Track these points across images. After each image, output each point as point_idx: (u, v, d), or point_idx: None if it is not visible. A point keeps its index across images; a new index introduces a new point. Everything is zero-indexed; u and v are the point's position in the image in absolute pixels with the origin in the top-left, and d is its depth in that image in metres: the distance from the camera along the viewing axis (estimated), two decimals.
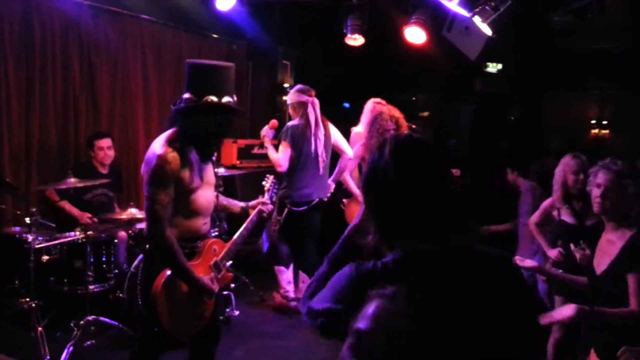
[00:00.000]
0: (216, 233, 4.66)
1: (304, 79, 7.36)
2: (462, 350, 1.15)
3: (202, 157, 2.57)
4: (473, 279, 1.29)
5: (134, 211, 4.21)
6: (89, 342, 3.73)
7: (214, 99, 2.47)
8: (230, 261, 2.85)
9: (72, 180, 4.02)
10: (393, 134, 1.39)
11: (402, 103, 5.55)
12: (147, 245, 2.71)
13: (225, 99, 2.51)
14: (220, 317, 4.24)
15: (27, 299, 3.74)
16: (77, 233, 3.93)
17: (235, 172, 5.65)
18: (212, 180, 2.70)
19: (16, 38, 4.36)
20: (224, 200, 3.00)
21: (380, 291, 1.08)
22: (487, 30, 4.75)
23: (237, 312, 4.56)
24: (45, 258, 3.92)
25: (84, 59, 4.95)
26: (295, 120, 4.63)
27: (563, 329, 3.27)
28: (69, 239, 3.92)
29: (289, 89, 5.12)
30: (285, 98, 7.03)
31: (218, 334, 2.87)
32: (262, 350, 4.07)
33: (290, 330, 4.47)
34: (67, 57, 4.79)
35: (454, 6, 4.77)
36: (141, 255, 3.09)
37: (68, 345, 3.62)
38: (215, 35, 6.47)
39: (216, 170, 2.73)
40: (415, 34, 5.40)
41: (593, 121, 8.36)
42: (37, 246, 3.76)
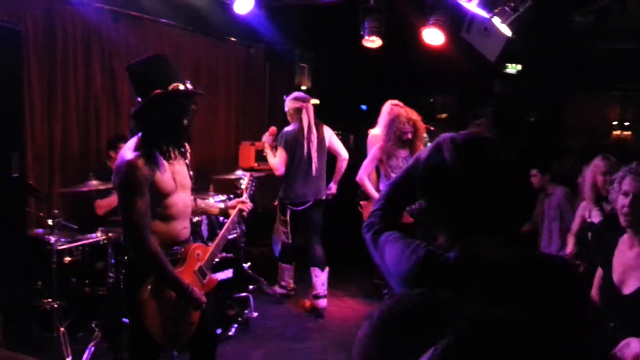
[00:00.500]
0: (235, 235, 4.70)
1: (321, 81, 7.40)
2: None
3: (174, 150, 2.47)
4: (534, 292, 1.22)
5: None
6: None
7: (180, 86, 2.41)
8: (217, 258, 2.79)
9: (94, 182, 4.08)
10: (451, 134, 1.37)
11: (420, 105, 5.54)
12: (126, 256, 2.66)
13: (188, 84, 2.46)
14: (239, 319, 4.27)
15: (50, 300, 3.78)
16: (99, 235, 3.97)
17: (253, 175, 5.65)
18: (188, 183, 2.62)
19: (39, 43, 4.42)
20: (202, 203, 2.94)
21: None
22: (507, 31, 4.71)
23: (256, 314, 4.57)
24: (67, 259, 3.94)
25: (105, 63, 5.01)
26: (290, 126, 4.96)
27: None
28: (91, 241, 3.96)
29: (300, 93, 5.21)
30: None
31: (213, 338, 2.84)
32: (281, 352, 4.07)
33: (309, 332, 4.48)
34: (89, 61, 4.85)
35: (473, 7, 4.74)
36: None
37: (89, 346, 3.66)
38: (233, 39, 6.51)
39: (191, 174, 2.65)
40: (433, 36, 5.37)
41: (615, 122, 8.23)
42: (60, 248, 3.80)
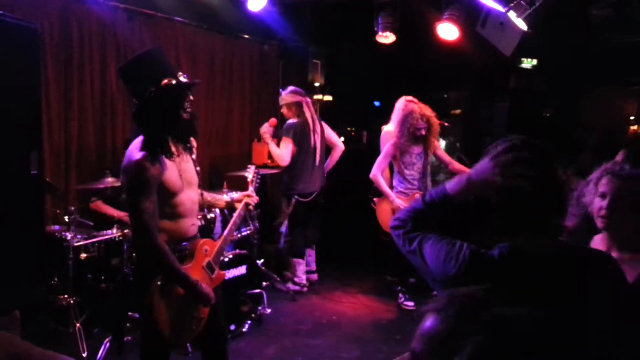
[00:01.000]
0: (248, 232, 4.71)
1: (335, 78, 7.38)
2: None
3: (178, 146, 2.49)
4: (579, 285, 1.25)
5: None
6: (125, 338, 3.77)
7: (172, 80, 2.40)
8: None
9: (110, 179, 4.11)
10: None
11: (434, 101, 5.49)
12: (134, 254, 2.67)
13: (182, 77, 2.45)
14: (252, 315, 4.29)
15: (66, 296, 3.82)
16: (114, 231, 4.00)
17: (266, 172, 5.71)
18: (195, 180, 2.63)
19: (55, 41, 4.45)
20: (209, 197, 2.96)
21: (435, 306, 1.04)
22: (523, 26, 4.64)
23: (269, 310, 4.58)
24: (83, 256, 3.98)
25: (120, 61, 5.02)
26: (294, 119, 5.08)
27: None
28: (106, 237, 3.98)
29: (297, 87, 5.30)
30: (316, 97, 7.06)
31: (223, 333, 2.85)
32: (294, 349, 4.08)
33: (322, 329, 4.48)
34: (104, 60, 4.88)
35: (489, 1, 4.69)
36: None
37: (105, 342, 3.69)
38: (246, 36, 6.51)
39: (197, 169, 2.67)
40: (448, 31, 5.33)
41: (632, 117, 8.10)
42: (76, 244, 3.83)
